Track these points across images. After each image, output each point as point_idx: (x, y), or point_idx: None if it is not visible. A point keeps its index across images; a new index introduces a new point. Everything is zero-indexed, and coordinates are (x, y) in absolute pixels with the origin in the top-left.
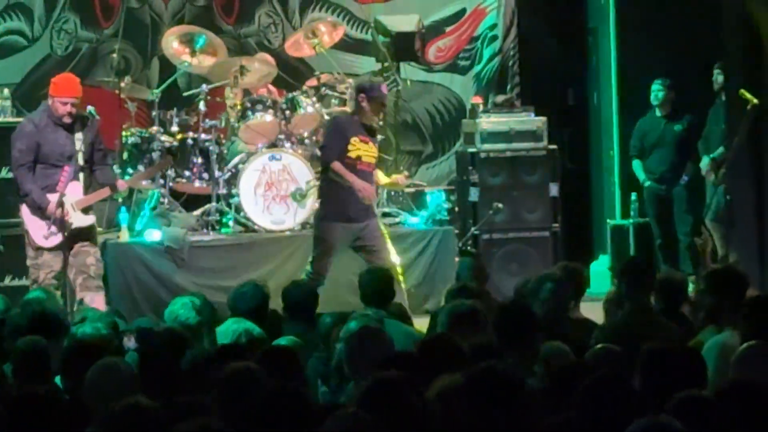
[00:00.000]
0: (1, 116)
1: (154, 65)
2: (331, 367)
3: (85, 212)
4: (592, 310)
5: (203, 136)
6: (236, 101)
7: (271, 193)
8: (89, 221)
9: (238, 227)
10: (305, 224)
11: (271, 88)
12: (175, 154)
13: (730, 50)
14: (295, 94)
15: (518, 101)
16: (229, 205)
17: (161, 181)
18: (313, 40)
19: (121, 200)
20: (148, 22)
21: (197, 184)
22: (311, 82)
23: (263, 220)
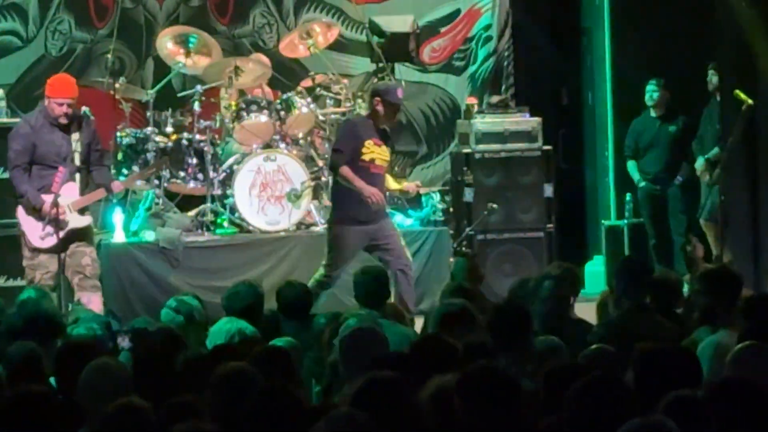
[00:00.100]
0: None
1: (148, 66)
2: (324, 366)
3: (81, 213)
4: (586, 310)
5: (198, 136)
6: (231, 102)
7: (265, 193)
8: (85, 222)
9: (232, 228)
10: (300, 225)
11: (265, 88)
12: (169, 154)
13: (723, 50)
14: (289, 94)
15: (513, 102)
16: (223, 205)
17: (156, 181)
18: (307, 40)
19: (114, 201)
20: (142, 22)
21: (192, 184)
22: (306, 82)
23: (258, 220)
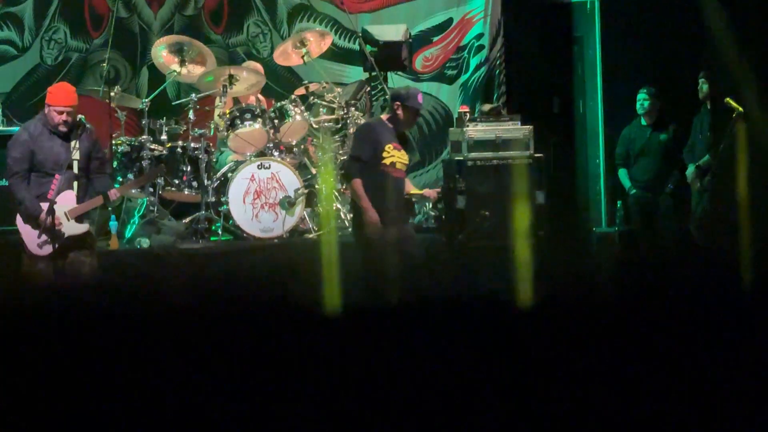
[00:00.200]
0: None
1: (143, 74)
2: None
3: (78, 220)
4: None
5: (192, 144)
6: (225, 110)
7: (259, 201)
8: (82, 229)
9: (227, 235)
10: (294, 232)
11: (259, 97)
12: (164, 162)
13: (714, 58)
14: (283, 103)
15: (505, 110)
16: (218, 213)
17: (150, 189)
18: (301, 49)
19: (111, 209)
20: (137, 31)
21: (186, 192)
22: (299, 91)
23: (252, 228)
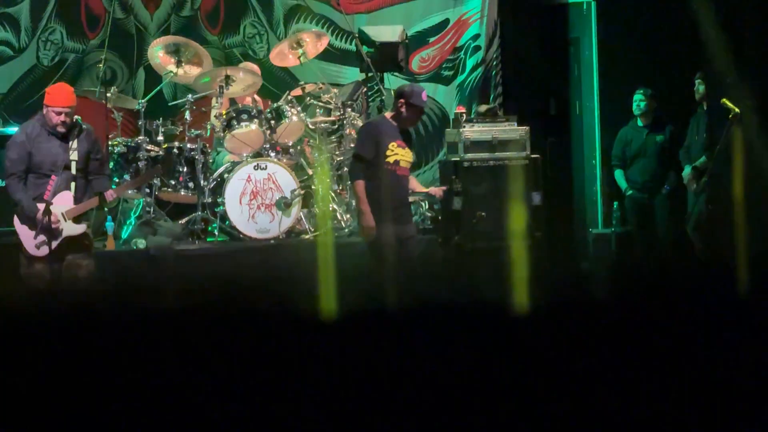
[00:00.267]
0: None
1: (139, 75)
2: None
3: (76, 221)
4: None
5: (189, 145)
6: (222, 111)
7: (256, 202)
8: (80, 230)
9: (223, 236)
10: (290, 233)
11: (256, 97)
12: (161, 163)
13: (710, 60)
14: (279, 103)
15: (501, 111)
16: (214, 213)
17: (147, 190)
18: (297, 50)
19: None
20: (133, 32)
21: (183, 193)
22: (296, 92)
23: (248, 228)
